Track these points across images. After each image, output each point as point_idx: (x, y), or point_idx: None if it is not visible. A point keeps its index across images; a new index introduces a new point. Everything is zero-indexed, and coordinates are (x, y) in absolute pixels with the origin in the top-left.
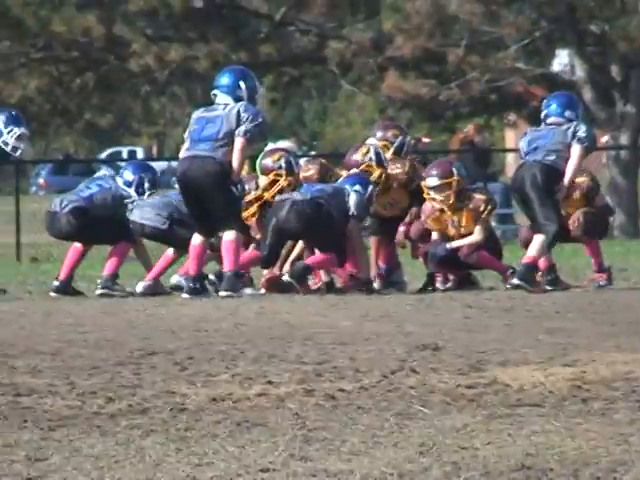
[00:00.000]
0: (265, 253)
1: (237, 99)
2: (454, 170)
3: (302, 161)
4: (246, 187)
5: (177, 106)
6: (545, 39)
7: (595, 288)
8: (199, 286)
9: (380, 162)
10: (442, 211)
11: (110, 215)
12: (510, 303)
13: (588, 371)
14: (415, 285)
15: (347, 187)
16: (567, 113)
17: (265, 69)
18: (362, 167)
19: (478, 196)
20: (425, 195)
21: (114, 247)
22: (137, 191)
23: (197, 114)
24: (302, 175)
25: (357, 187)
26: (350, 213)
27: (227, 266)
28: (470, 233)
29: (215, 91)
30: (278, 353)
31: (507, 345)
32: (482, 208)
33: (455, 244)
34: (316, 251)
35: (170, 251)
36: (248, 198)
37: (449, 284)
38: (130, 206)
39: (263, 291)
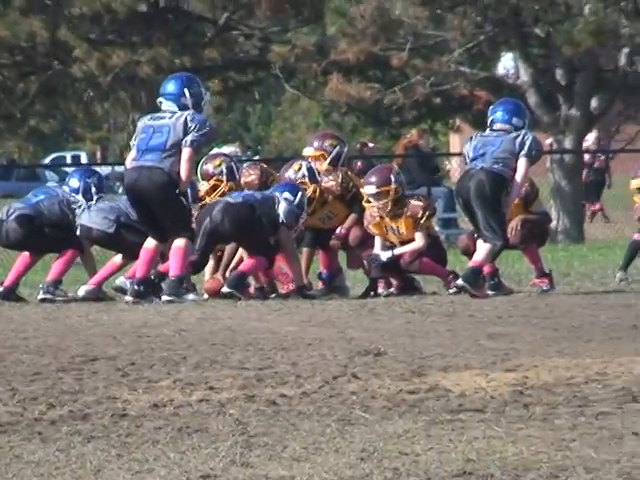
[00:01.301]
0: (196, 256)
1: (183, 107)
2: (392, 177)
3: (243, 166)
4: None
5: (120, 111)
6: (489, 42)
7: (538, 293)
8: (143, 289)
9: (313, 178)
10: (382, 217)
11: (58, 222)
12: (452, 308)
13: (530, 376)
14: (357, 290)
15: (277, 195)
16: (514, 120)
17: (209, 74)
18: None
19: (415, 202)
20: (364, 202)
21: (61, 254)
22: (85, 197)
23: (143, 122)
24: (243, 180)
25: (286, 195)
26: (280, 221)
27: (172, 271)
28: (411, 239)
29: (160, 98)
30: (220, 359)
31: (449, 350)
32: (420, 214)
33: (398, 251)
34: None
35: (117, 258)
36: None
37: (391, 289)
38: (78, 211)
39: (205, 296)
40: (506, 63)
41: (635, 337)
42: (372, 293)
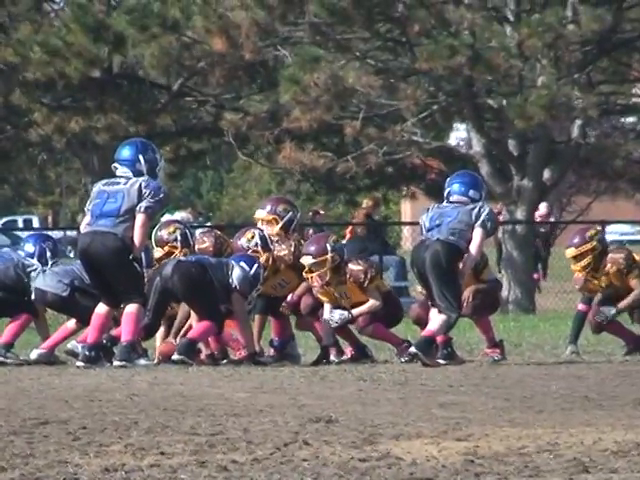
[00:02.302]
0: (148, 318)
1: (137, 173)
2: (328, 246)
3: (197, 233)
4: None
5: (73, 175)
6: (442, 113)
7: (489, 363)
8: (94, 354)
9: (266, 246)
10: (328, 285)
11: (13, 286)
12: (404, 377)
13: (481, 445)
14: (309, 357)
15: (231, 262)
16: (471, 193)
17: (162, 140)
18: (249, 252)
19: (354, 267)
20: (305, 273)
21: (14, 317)
22: (40, 261)
23: (98, 187)
24: (197, 247)
25: (242, 264)
26: (233, 286)
27: (124, 336)
28: (363, 302)
29: (115, 164)
30: (171, 424)
31: (400, 419)
32: (362, 278)
33: (355, 311)
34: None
35: (71, 323)
36: None
37: (343, 357)
38: (33, 274)
39: (156, 360)
40: (459, 133)
41: (586, 408)
42: (324, 360)
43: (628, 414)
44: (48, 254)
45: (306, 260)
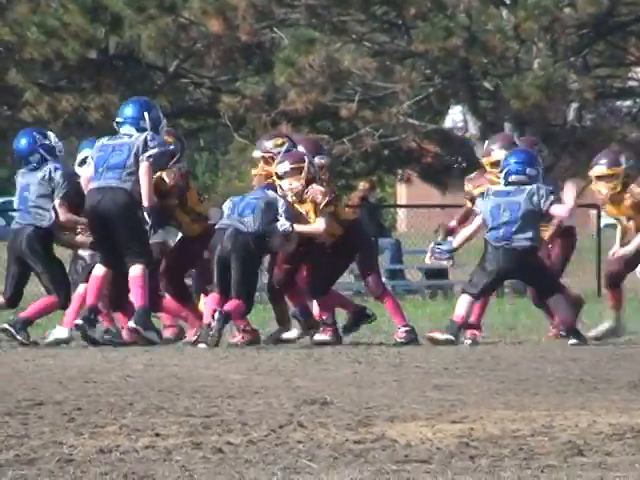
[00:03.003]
0: (217, 292)
1: (141, 130)
2: (305, 157)
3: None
4: None
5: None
6: (438, 95)
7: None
8: (93, 317)
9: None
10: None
11: None
12: (399, 359)
13: (476, 428)
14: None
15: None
16: (528, 170)
17: None
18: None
19: (316, 187)
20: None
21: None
22: None
23: (101, 142)
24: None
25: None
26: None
27: (138, 301)
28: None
29: (119, 119)
30: (166, 405)
31: (395, 401)
32: (319, 199)
33: (297, 228)
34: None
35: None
36: None
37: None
38: None
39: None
40: (455, 116)
41: (581, 391)
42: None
43: (623, 397)
44: None
45: (282, 167)
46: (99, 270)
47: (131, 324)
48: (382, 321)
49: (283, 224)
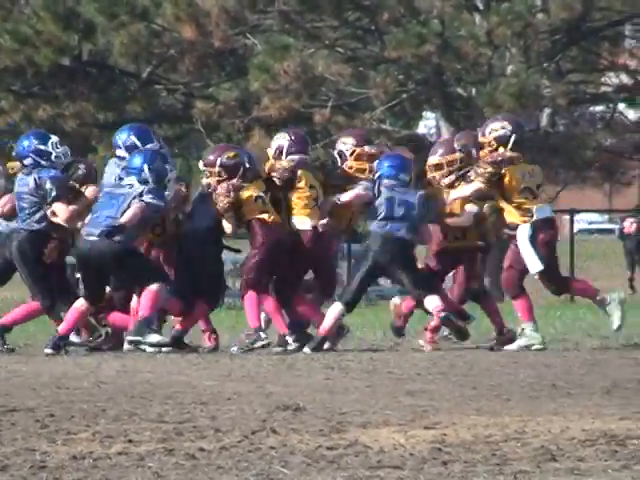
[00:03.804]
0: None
1: (143, 182)
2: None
3: None
4: None
5: None
6: (412, 101)
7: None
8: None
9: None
10: None
11: None
12: (372, 365)
13: (448, 434)
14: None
15: None
16: (401, 175)
17: None
18: None
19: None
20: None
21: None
22: None
23: (104, 190)
24: None
25: None
26: None
27: (141, 311)
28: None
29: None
30: (139, 412)
31: (368, 407)
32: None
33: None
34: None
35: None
36: None
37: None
38: None
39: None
40: (428, 122)
41: (554, 396)
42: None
43: (596, 403)
44: None
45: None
46: (80, 303)
47: (129, 337)
48: (355, 328)
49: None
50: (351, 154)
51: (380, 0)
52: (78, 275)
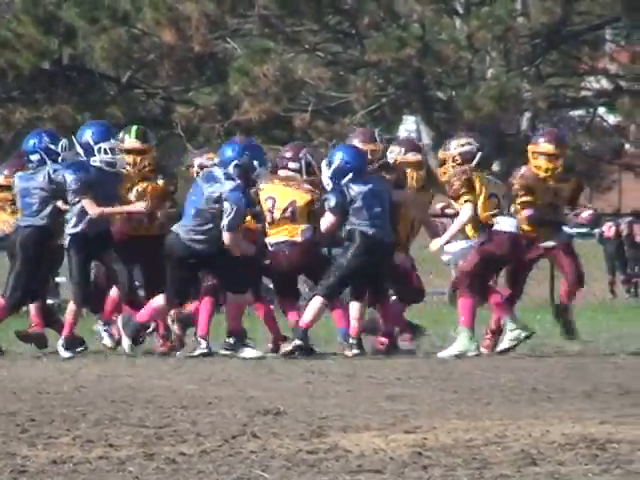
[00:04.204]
0: None
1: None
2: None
3: None
4: None
5: None
6: (392, 105)
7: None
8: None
9: None
10: None
11: None
12: (352, 369)
13: (429, 438)
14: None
15: None
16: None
17: None
18: None
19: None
20: None
21: None
22: None
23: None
24: None
25: None
26: None
27: (140, 316)
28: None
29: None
30: (119, 416)
31: (348, 411)
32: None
33: None
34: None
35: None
36: None
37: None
38: None
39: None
40: (408, 126)
41: (534, 400)
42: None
43: (576, 407)
44: None
45: None
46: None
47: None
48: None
49: None
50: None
51: (360, 4)
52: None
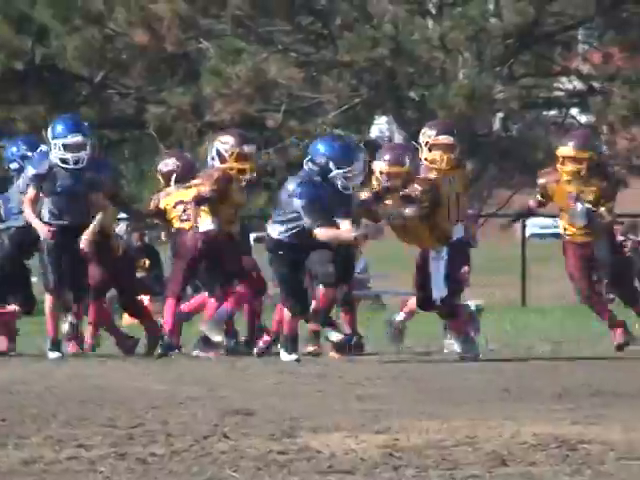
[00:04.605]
0: None
1: None
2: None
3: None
4: None
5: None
6: (364, 105)
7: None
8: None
9: None
10: None
11: None
12: (322, 370)
13: (400, 438)
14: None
15: None
16: None
17: None
18: None
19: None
20: None
21: None
22: None
23: None
24: None
25: None
26: None
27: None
28: None
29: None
30: (90, 416)
31: (319, 411)
32: None
33: None
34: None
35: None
36: None
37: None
38: None
39: None
40: (380, 126)
41: (505, 401)
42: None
43: (547, 407)
44: None
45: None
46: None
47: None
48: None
49: None
50: (230, 155)
51: (333, 5)
52: None
